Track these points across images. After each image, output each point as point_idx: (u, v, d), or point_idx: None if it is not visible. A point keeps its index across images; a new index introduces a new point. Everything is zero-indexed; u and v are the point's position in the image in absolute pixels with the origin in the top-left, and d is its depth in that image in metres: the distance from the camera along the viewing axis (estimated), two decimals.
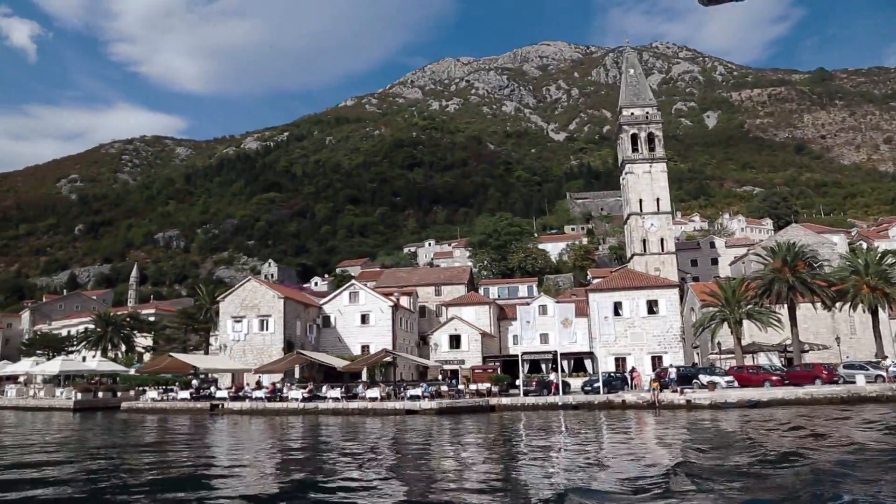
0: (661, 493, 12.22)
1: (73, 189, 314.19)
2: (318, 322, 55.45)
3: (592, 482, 13.98)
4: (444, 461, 18.68)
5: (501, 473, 16.20)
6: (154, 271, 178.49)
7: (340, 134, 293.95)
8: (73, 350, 63.55)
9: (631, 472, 15.25)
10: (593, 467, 16.60)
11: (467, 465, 17.65)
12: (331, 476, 15.96)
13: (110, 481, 15.41)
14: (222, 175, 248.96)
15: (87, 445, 24.70)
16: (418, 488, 14.01)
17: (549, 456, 19.42)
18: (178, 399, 41.20)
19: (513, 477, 15.63)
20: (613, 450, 20.49)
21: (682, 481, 13.19)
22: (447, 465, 17.79)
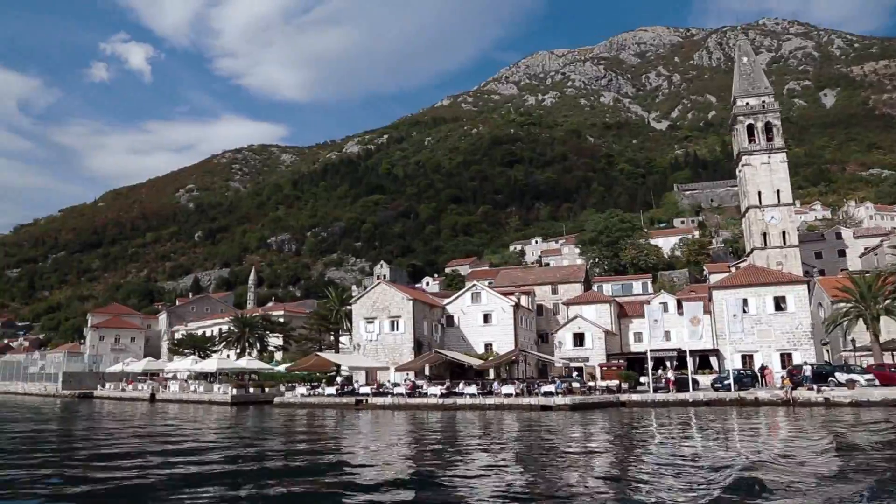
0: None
1: (190, 198, 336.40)
2: (443, 321, 57.85)
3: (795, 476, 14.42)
4: (608, 455, 19.84)
5: (692, 462, 16.82)
6: (269, 274, 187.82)
7: (439, 134, 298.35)
8: (215, 349, 69.23)
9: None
10: (780, 460, 16.96)
11: (640, 459, 18.69)
12: (474, 466, 17.33)
13: (280, 462, 17.75)
14: (327, 179, 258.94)
15: (261, 433, 27.65)
16: (586, 481, 14.99)
17: (729, 446, 19.95)
18: (325, 395, 44.64)
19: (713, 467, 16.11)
20: (792, 445, 20.81)
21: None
22: (615, 459, 18.93)
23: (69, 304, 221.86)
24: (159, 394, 53.95)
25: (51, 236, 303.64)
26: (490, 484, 14.40)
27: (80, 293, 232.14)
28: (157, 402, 52.35)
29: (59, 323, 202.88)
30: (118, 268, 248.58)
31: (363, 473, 16.34)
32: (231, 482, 14.84)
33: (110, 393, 60.61)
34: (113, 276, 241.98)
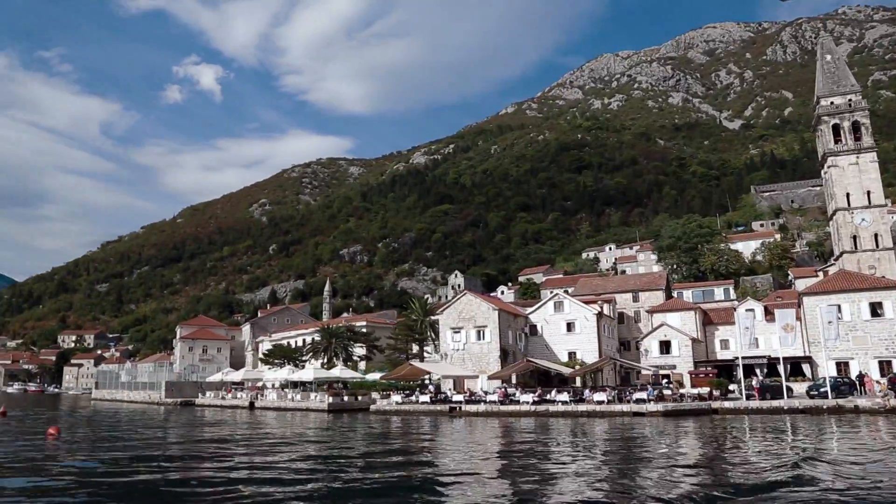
0: None
1: (263, 212, 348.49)
2: (526, 330, 58.72)
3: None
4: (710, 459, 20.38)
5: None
6: (342, 285, 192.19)
7: (504, 142, 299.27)
8: (303, 360, 72.13)
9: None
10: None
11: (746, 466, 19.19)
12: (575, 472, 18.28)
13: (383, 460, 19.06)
14: (396, 190, 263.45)
15: (364, 437, 29.24)
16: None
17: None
18: (420, 402, 46.26)
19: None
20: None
21: None
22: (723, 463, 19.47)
23: (154, 316, 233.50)
24: (257, 402, 56.90)
25: (135, 252, 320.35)
26: (597, 487, 15.16)
27: (163, 306, 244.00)
28: (256, 409, 55.21)
29: (146, 334, 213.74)
30: (198, 281, 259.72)
31: (466, 478, 17.43)
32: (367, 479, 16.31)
33: (211, 401, 64.18)
34: (194, 288, 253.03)
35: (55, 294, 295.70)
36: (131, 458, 21.49)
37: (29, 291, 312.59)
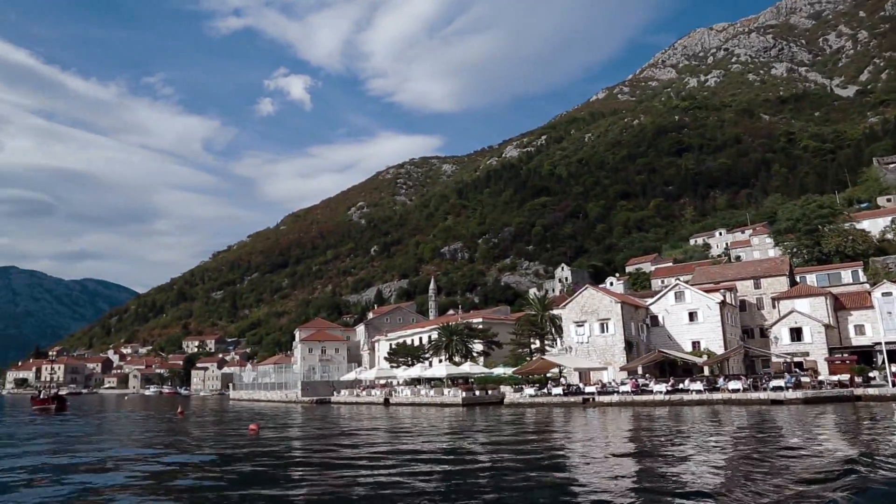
0: None
1: (361, 215, 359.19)
2: (647, 322, 59.00)
3: None
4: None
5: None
6: (446, 282, 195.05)
7: (598, 129, 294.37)
8: (426, 357, 75.20)
9: None
10: None
11: None
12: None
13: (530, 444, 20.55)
14: (491, 186, 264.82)
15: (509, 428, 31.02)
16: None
17: None
18: (553, 395, 47.89)
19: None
20: None
21: None
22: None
23: (267, 320, 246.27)
24: (392, 398, 60.23)
25: (244, 260, 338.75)
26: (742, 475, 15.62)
27: (274, 310, 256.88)
28: (391, 405, 58.50)
29: (262, 338, 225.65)
30: (305, 285, 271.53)
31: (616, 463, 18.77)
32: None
33: (346, 399, 68.34)
34: (302, 292, 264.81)
35: (175, 303, 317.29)
36: (388, 451, 23.47)
37: (152, 302, 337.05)
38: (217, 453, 23.52)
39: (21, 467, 19.81)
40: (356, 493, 14.29)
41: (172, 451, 24.68)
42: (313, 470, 18.46)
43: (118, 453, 24.09)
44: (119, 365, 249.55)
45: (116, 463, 20.85)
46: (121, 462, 21.06)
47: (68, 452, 24.28)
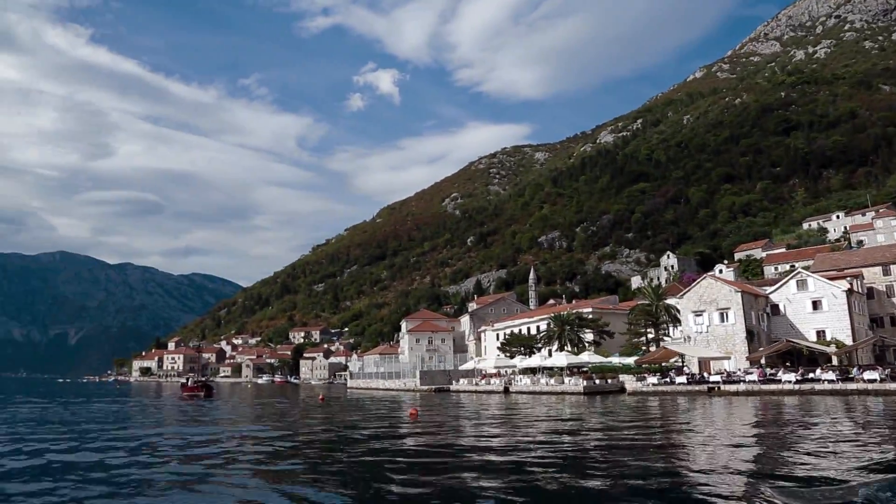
0: None
1: (456, 206, 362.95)
2: (768, 311, 58.16)
3: None
4: None
5: None
6: (544, 272, 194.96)
7: (697, 110, 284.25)
8: (538, 347, 76.81)
9: None
10: None
11: None
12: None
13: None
14: (586, 172, 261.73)
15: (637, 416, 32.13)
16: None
17: None
18: (677, 383, 48.51)
19: None
20: None
21: None
22: None
23: (368, 311, 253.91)
24: (511, 387, 62.35)
25: (343, 253, 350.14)
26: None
27: (375, 301, 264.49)
28: (510, 393, 60.58)
29: (364, 328, 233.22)
30: (404, 276, 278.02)
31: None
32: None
33: (465, 387, 71.12)
34: (400, 283, 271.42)
35: (280, 295, 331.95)
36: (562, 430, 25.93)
37: (258, 294, 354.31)
38: (411, 434, 25.99)
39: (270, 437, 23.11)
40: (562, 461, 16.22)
41: (373, 430, 27.45)
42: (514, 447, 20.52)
43: (329, 432, 27.17)
44: (232, 355, 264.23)
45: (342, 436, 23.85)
46: (353, 439, 24.04)
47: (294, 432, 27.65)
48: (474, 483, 13.67)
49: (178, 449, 21.83)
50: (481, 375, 72.77)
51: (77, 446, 22.33)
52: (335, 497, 12.51)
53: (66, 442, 23.54)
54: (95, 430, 29.11)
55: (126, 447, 21.84)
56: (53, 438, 24.79)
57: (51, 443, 23.14)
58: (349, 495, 12.67)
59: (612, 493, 12.73)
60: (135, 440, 24.21)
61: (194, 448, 22.11)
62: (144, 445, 22.49)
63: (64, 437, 25.30)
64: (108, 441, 24.07)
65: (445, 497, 12.39)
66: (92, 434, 26.83)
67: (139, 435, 26.67)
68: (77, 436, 25.91)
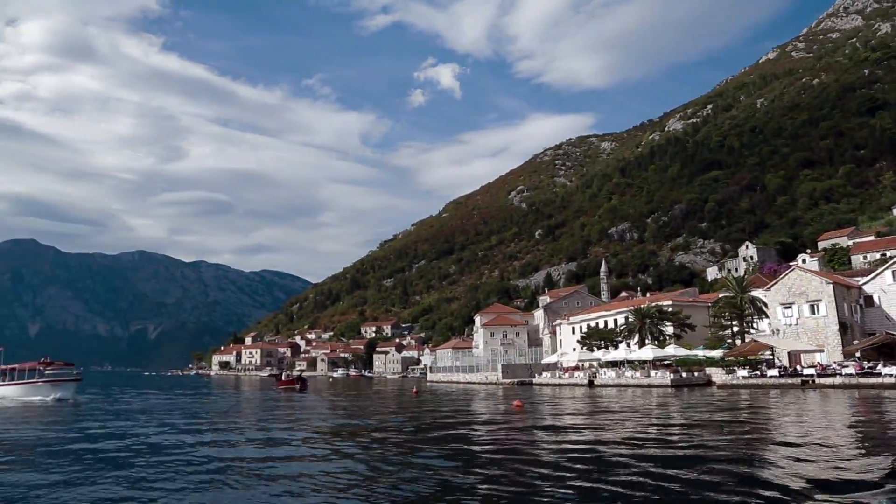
0: None
1: (522, 198, 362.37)
2: (861, 302, 57.07)
3: None
4: None
5: None
6: (615, 264, 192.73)
7: (771, 92, 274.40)
8: (618, 340, 77.18)
9: None
10: None
11: None
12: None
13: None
14: (656, 162, 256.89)
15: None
16: None
17: None
18: (768, 376, 48.50)
19: None
20: None
21: None
22: None
23: (438, 306, 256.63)
24: (595, 380, 63.31)
25: (410, 248, 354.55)
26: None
27: (444, 296, 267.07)
28: (595, 387, 61.55)
29: (434, 323, 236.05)
30: (472, 270, 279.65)
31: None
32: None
33: (548, 380, 72.43)
34: (469, 278, 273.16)
35: (350, 291, 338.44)
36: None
37: (328, 290, 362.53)
38: (535, 427, 27.66)
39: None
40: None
41: (489, 420, 29.35)
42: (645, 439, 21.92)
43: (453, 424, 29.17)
44: (306, 350, 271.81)
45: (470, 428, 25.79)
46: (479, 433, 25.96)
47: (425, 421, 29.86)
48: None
49: (396, 439, 22.96)
50: (565, 369, 73.86)
51: (265, 437, 24.45)
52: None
53: (250, 437, 24.51)
54: (251, 422, 31.95)
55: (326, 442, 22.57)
56: (231, 431, 26.86)
57: (245, 439, 23.65)
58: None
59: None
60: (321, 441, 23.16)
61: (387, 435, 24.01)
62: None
63: (233, 429, 27.68)
64: (290, 431, 26.42)
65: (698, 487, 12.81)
66: (262, 426, 29.35)
67: (322, 427, 28.74)
68: (248, 429, 28.01)
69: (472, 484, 13.76)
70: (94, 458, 18.44)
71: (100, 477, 15.10)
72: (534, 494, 12.45)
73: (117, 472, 15.73)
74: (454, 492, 13.03)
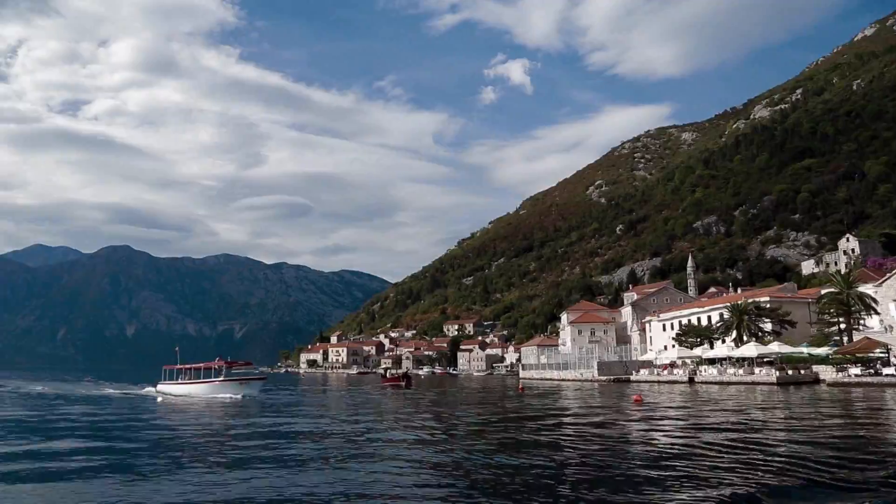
0: None
1: (601, 193, 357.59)
2: None
3: None
4: None
5: None
6: (702, 259, 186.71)
7: (869, 73, 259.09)
8: (715, 337, 76.63)
9: None
10: None
11: None
12: None
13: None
14: (741, 151, 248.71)
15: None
16: None
17: None
18: (883, 374, 47.77)
19: None
20: None
21: None
22: None
23: (519, 303, 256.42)
24: (696, 377, 63.47)
25: (489, 246, 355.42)
26: None
27: (525, 293, 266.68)
28: (696, 384, 61.75)
29: (517, 320, 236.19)
30: (553, 267, 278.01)
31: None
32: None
33: (646, 377, 72.92)
34: (550, 275, 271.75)
35: (430, 290, 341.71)
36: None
37: (409, 289, 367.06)
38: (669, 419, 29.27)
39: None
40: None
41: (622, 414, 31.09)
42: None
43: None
44: (391, 348, 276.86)
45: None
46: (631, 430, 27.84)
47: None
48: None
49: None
50: (663, 366, 74.06)
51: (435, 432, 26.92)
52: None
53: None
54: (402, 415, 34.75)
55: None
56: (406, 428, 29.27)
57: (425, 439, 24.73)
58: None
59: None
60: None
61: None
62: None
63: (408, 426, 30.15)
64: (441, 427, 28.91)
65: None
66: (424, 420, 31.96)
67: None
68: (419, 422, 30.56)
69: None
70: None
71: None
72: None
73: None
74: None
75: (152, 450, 20.98)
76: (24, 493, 14.24)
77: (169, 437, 24.97)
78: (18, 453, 19.95)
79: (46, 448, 21.24)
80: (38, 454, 19.84)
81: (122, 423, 31.24)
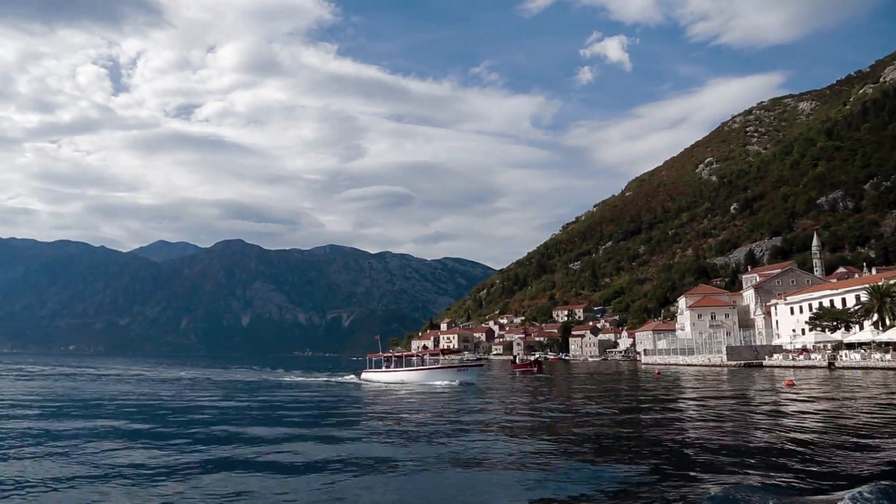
0: None
1: (712, 171, 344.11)
2: None
3: None
4: None
5: None
6: (828, 237, 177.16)
7: None
8: (853, 321, 74.55)
9: None
10: None
11: None
12: None
13: None
14: (870, 119, 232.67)
15: None
16: None
17: None
18: None
19: None
20: None
21: None
22: None
23: (630, 287, 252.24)
24: (836, 362, 62.68)
25: (595, 229, 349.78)
26: None
27: (635, 277, 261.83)
28: (836, 369, 61.03)
29: (628, 305, 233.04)
30: (663, 250, 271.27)
31: None
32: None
33: (780, 362, 72.37)
34: (660, 258, 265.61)
35: (537, 275, 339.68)
36: None
37: (515, 275, 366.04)
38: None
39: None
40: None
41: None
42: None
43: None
44: (500, 334, 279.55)
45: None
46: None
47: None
48: None
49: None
50: (798, 350, 73.12)
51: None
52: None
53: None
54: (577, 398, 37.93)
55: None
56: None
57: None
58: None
59: None
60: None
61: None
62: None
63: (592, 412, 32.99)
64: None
65: None
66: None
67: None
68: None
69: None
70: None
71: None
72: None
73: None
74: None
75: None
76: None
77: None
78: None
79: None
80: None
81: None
